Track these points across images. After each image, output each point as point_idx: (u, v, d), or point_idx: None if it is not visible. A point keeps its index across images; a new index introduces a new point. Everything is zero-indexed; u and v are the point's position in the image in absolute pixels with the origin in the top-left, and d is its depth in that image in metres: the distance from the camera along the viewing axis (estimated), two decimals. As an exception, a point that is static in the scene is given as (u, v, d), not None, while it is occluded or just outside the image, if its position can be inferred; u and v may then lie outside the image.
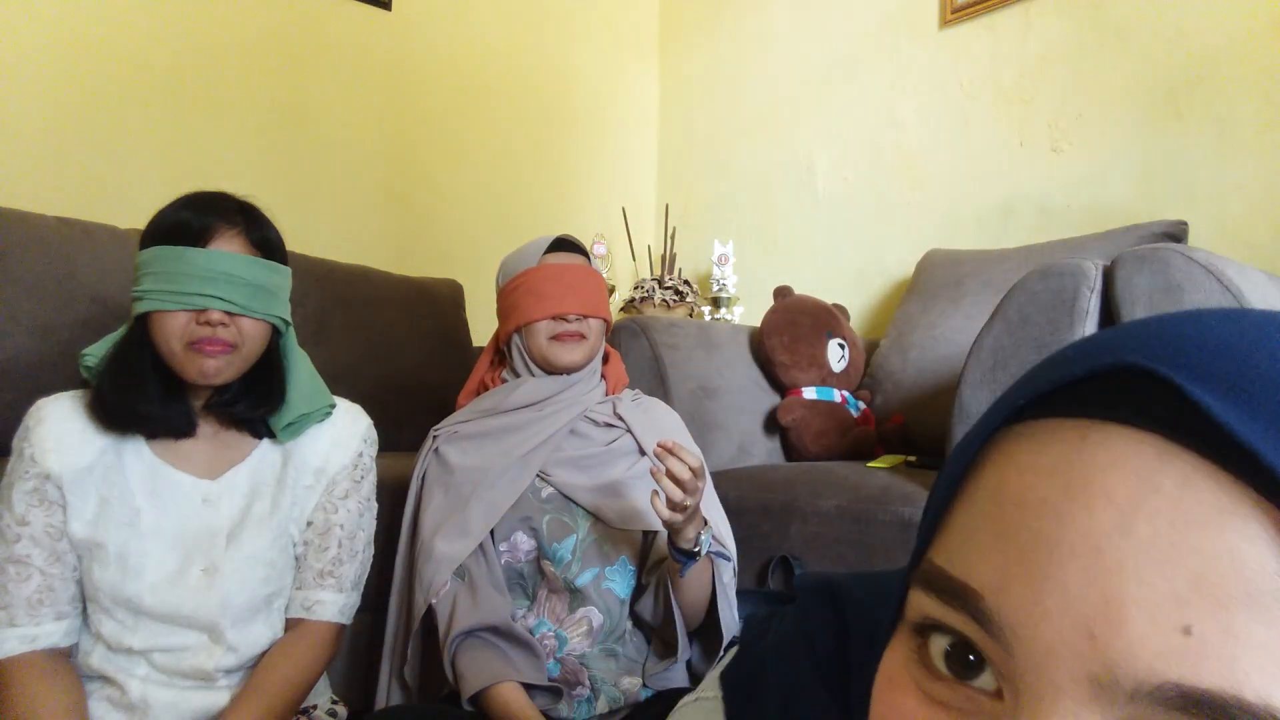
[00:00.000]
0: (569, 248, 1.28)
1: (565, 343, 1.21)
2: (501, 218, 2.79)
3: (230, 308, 0.94)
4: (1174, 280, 1.01)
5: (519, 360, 1.25)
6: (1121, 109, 1.95)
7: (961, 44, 2.29)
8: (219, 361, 0.95)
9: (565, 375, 1.24)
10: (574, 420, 1.22)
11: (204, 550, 0.98)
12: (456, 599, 1.09)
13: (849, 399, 2.05)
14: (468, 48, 2.72)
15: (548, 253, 1.25)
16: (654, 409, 1.31)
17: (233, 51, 2.20)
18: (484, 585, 1.11)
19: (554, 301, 1.20)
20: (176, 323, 0.93)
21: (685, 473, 0.96)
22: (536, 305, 1.20)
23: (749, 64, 2.93)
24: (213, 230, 0.95)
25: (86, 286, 1.51)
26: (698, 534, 1.03)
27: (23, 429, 0.97)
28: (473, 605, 1.08)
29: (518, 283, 1.23)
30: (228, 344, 0.95)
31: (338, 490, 1.07)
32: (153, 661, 0.96)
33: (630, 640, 1.16)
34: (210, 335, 0.93)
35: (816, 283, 2.43)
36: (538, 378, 1.24)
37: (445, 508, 1.15)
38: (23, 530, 0.93)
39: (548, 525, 1.15)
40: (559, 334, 1.21)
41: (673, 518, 0.98)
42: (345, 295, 1.97)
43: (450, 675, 1.06)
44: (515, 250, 1.30)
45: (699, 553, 1.03)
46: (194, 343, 0.93)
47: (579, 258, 1.27)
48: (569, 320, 1.21)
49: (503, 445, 1.19)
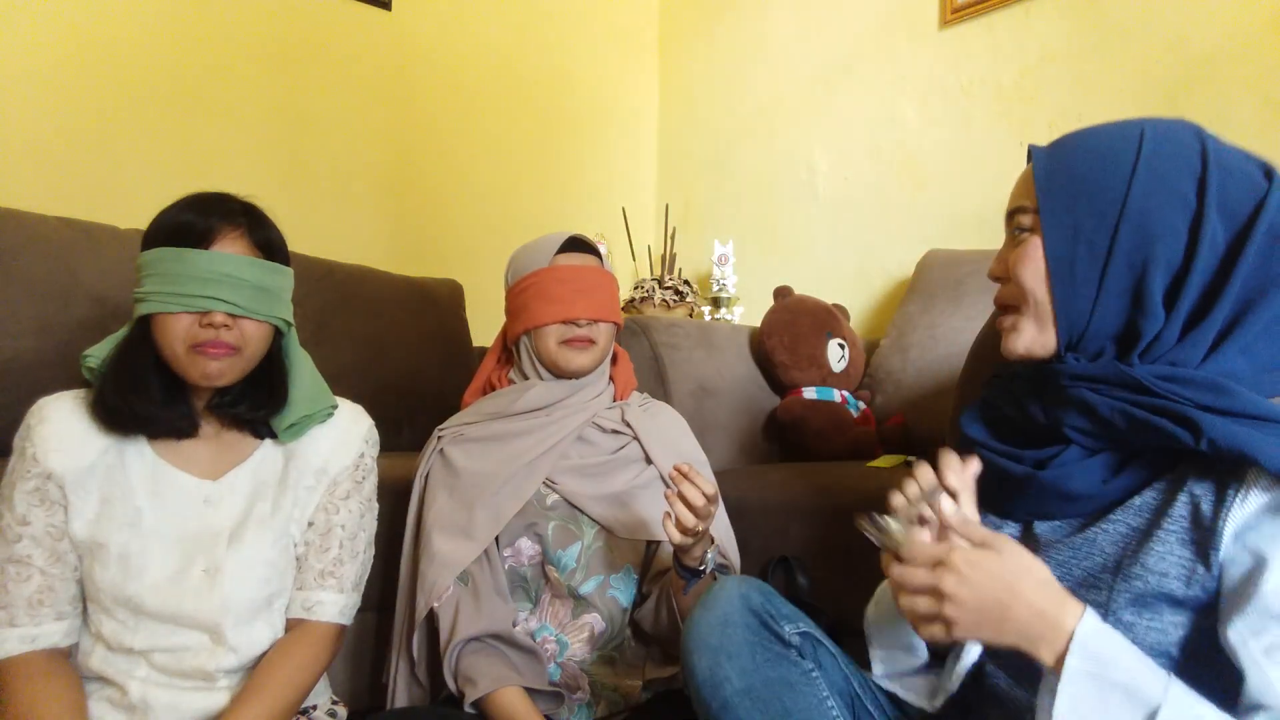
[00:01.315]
0: (582, 247, 1.25)
1: (575, 347, 1.19)
2: (501, 218, 2.79)
3: (233, 309, 0.94)
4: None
5: (527, 362, 1.23)
6: (1121, 109, 1.95)
7: (961, 44, 2.29)
8: (221, 364, 0.95)
9: (574, 379, 1.22)
10: (582, 427, 1.20)
11: (205, 551, 0.98)
12: (460, 605, 1.09)
13: (849, 399, 2.05)
14: (468, 48, 2.72)
15: (560, 252, 1.22)
16: (661, 415, 1.30)
17: (233, 51, 2.20)
18: (487, 592, 1.10)
19: (565, 306, 1.18)
20: (179, 325, 0.93)
21: (699, 499, 0.96)
22: (547, 309, 1.18)
23: (749, 64, 2.93)
24: (216, 232, 0.95)
25: (86, 286, 1.51)
26: (704, 553, 1.02)
27: (24, 428, 0.97)
28: (476, 612, 1.08)
29: (528, 283, 1.21)
30: (230, 346, 0.95)
31: (339, 491, 1.07)
32: (153, 662, 0.96)
33: (629, 646, 1.16)
34: (213, 338, 0.93)
35: (816, 283, 2.43)
36: (546, 381, 1.22)
37: (449, 510, 1.14)
38: (24, 530, 0.93)
39: (553, 532, 1.14)
40: (569, 338, 1.19)
41: (683, 541, 0.98)
42: (345, 295, 1.97)
43: (452, 680, 1.06)
44: (526, 246, 1.27)
45: (704, 571, 1.03)
46: (197, 345, 0.93)
47: (592, 259, 1.24)
48: (579, 325, 1.18)
49: (509, 450, 1.17)
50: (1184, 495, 0.67)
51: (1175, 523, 0.67)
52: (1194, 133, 0.72)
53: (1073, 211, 0.72)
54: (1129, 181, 0.70)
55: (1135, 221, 0.69)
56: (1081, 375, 0.73)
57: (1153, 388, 0.68)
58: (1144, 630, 0.67)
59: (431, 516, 1.15)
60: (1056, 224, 0.73)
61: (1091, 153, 0.73)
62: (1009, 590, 0.63)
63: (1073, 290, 0.72)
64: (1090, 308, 0.72)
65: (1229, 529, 0.64)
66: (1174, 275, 0.69)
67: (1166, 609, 0.67)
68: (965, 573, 0.63)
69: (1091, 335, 0.73)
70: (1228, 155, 0.71)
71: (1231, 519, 0.64)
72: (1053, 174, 0.74)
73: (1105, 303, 0.71)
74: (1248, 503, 0.64)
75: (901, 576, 0.67)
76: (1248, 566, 0.63)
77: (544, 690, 1.07)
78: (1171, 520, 0.67)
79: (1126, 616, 0.68)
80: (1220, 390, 0.66)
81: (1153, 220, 0.69)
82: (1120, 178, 0.70)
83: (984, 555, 0.64)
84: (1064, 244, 0.72)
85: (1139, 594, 0.68)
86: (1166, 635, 0.67)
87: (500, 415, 1.20)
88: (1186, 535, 0.66)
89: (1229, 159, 0.70)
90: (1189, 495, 0.67)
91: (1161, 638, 0.67)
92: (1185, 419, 0.65)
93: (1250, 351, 0.68)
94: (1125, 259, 0.70)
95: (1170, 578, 0.66)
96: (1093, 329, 0.73)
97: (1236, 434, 0.63)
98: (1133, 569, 0.68)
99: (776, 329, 2.06)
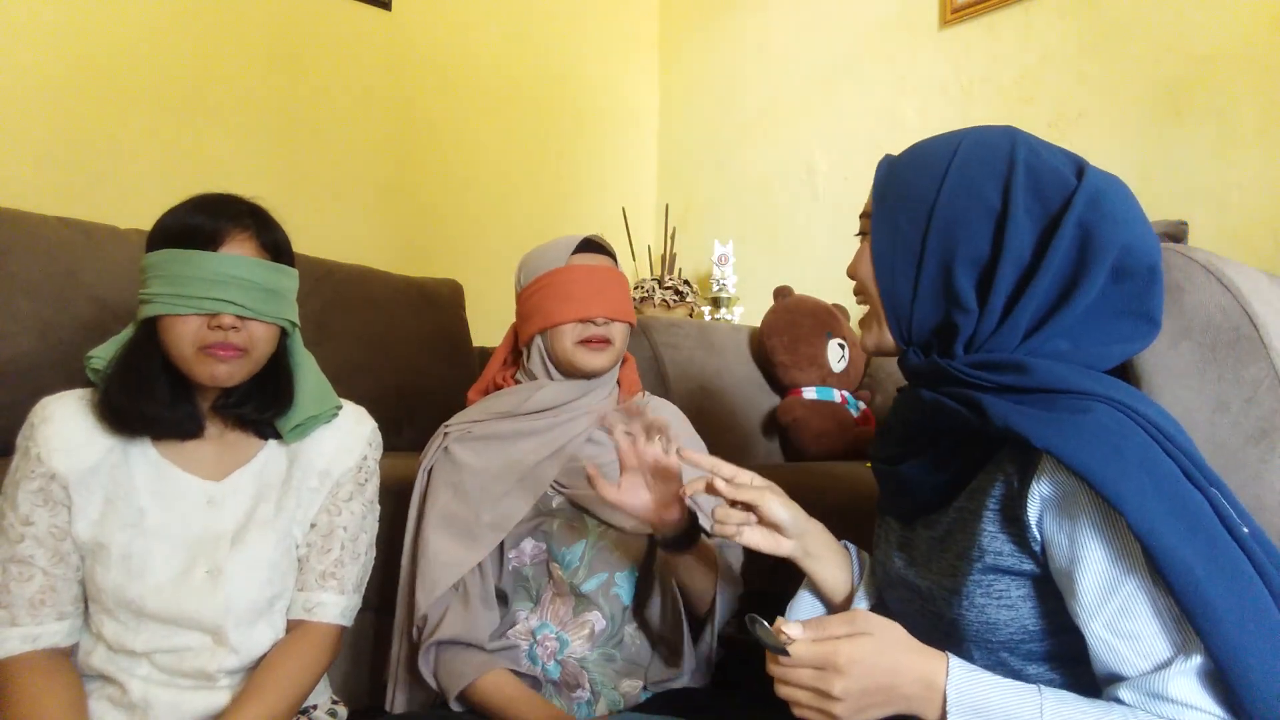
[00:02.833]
0: (596, 248, 1.24)
1: (592, 347, 1.18)
2: (502, 218, 2.79)
3: (242, 311, 0.94)
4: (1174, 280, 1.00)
5: (539, 363, 1.22)
6: (1121, 109, 1.95)
7: (961, 44, 2.29)
8: (230, 366, 0.95)
9: (585, 380, 1.21)
10: (590, 429, 1.19)
11: (208, 552, 0.98)
12: (447, 609, 1.09)
13: (849, 399, 2.05)
14: (468, 48, 2.72)
15: (575, 253, 1.21)
16: (661, 411, 1.30)
17: (233, 51, 2.20)
18: (476, 600, 1.10)
19: (582, 304, 1.16)
20: (188, 327, 0.93)
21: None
22: (564, 307, 1.17)
23: (749, 64, 2.93)
24: (224, 234, 0.95)
25: (86, 286, 1.51)
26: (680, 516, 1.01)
27: (28, 427, 0.97)
28: (459, 618, 1.08)
29: (544, 283, 1.19)
30: (239, 349, 0.95)
31: (342, 493, 1.07)
32: (154, 661, 0.96)
33: (630, 644, 1.16)
34: (222, 339, 0.93)
35: (816, 283, 2.43)
36: (557, 381, 1.21)
37: (452, 509, 1.14)
38: (27, 530, 0.93)
39: (558, 530, 1.14)
40: (586, 338, 1.17)
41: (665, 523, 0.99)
42: (345, 295, 1.97)
43: (431, 677, 1.07)
44: (539, 248, 1.25)
45: (692, 535, 1.02)
46: (205, 347, 0.93)
47: (606, 259, 1.23)
48: (597, 324, 1.17)
49: (517, 449, 1.16)
50: (1000, 475, 0.71)
51: (995, 501, 0.70)
52: (1008, 138, 0.76)
53: (894, 216, 0.78)
54: (939, 187, 0.75)
55: (941, 223, 0.75)
56: (911, 371, 0.79)
57: (961, 375, 0.72)
58: (996, 609, 0.70)
59: (433, 513, 1.15)
60: (880, 227, 0.79)
61: (914, 161, 0.79)
62: (892, 671, 0.65)
63: (894, 287, 0.78)
64: (910, 303, 0.77)
65: (1032, 509, 0.67)
66: (982, 270, 0.74)
67: (1012, 585, 0.70)
68: (851, 671, 0.64)
69: (917, 330, 0.78)
70: (1038, 158, 0.75)
71: (1031, 499, 0.67)
72: (885, 181, 0.81)
73: (923, 299, 0.77)
74: (1044, 482, 0.67)
75: (785, 675, 0.68)
76: (1066, 550, 0.66)
77: (523, 674, 1.09)
78: (993, 500, 0.71)
79: (979, 599, 0.70)
80: (1020, 368, 0.69)
81: (958, 222, 0.74)
82: (932, 184, 0.76)
83: (860, 645, 0.65)
84: (885, 245, 0.79)
85: (980, 574, 0.70)
86: (1018, 611, 0.70)
87: (509, 414, 1.20)
88: (1005, 514, 0.70)
89: (1039, 161, 0.74)
90: (1002, 475, 0.70)
91: (1014, 614, 0.70)
92: (972, 402, 0.69)
93: (1073, 334, 0.72)
94: (935, 258, 0.75)
95: (1003, 555, 0.69)
96: (916, 324, 0.78)
97: (1009, 412, 0.66)
98: (971, 551, 0.71)
99: (776, 329, 2.06)
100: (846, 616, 0.68)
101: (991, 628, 0.70)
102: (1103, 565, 0.63)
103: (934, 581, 0.75)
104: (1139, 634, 0.62)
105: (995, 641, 0.71)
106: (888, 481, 0.85)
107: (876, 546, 0.89)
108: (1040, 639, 0.70)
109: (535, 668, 1.11)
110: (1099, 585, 0.63)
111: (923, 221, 0.76)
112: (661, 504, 0.99)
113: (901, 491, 0.81)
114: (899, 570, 0.81)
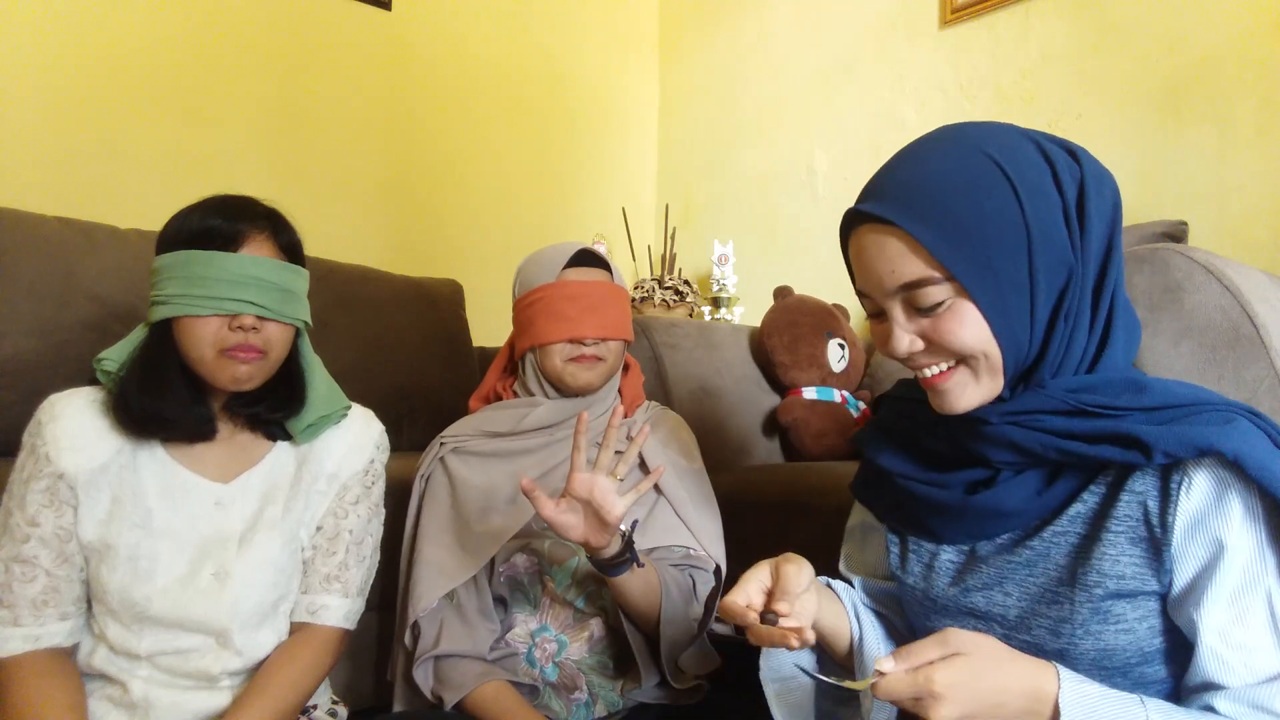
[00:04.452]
0: (591, 261, 1.21)
1: (582, 364, 1.16)
2: (502, 218, 2.79)
3: (263, 312, 0.94)
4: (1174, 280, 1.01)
5: (533, 378, 1.21)
6: (1121, 109, 1.95)
7: (961, 44, 2.29)
8: (251, 368, 0.95)
9: (580, 396, 1.19)
10: (588, 448, 1.19)
11: (215, 554, 0.98)
12: (444, 623, 1.09)
13: (849, 399, 2.05)
14: (468, 48, 2.72)
15: (568, 266, 1.19)
16: (662, 422, 1.28)
17: (232, 51, 2.20)
18: (471, 612, 1.10)
19: (571, 324, 1.14)
20: (208, 328, 0.93)
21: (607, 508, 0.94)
22: (553, 327, 1.15)
23: (749, 64, 2.93)
24: (243, 235, 0.95)
25: (86, 286, 1.51)
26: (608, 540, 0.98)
27: (35, 424, 0.96)
28: (460, 633, 1.08)
29: (535, 298, 1.18)
30: (258, 350, 0.95)
31: (349, 496, 1.07)
32: (156, 662, 0.96)
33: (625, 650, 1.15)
34: (242, 341, 0.93)
35: (816, 283, 2.43)
36: (552, 400, 1.20)
37: (445, 520, 1.14)
38: (32, 531, 0.93)
39: (549, 549, 1.13)
40: (576, 356, 1.16)
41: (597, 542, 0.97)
42: (345, 295, 1.97)
43: (428, 692, 1.07)
44: (533, 256, 1.23)
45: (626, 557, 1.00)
46: (226, 349, 0.93)
47: (601, 273, 1.21)
48: (586, 344, 1.16)
49: (512, 468, 1.16)
50: (1126, 495, 0.67)
51: (1122, 523, 0.67)
52: (1010, 129, 0.71)
53: (989, 259, 0.67)
54: (1019, 206, 0.66)
55: (1040, 243, 0.67)
56: (1008, 411, 0.70)
57: (1082, 406, 0.67)
58: (1113, 635, 0.67)
59: (428, 524, 1.15)
60: (980, 279, 0.67)
61: (963, 195, 0.67)
62: (998, 690, 0.61)
63: (1014, 336, 0.68)
64: (1027, 343, 0.69)
65: (1180, 523, 0.64)
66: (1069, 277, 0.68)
67: (1129, 610, 0.67)
68: (951, 695, 0.61)
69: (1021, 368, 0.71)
70: (1044, 139, 0.70)
71: (1181, 512, 0.64)
72: (945, 235, 0.67)
73: (1039, 331, 0.69)
74: (1193, 493, 0.64)
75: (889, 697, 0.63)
76: (1204, 553, 0.63)
77: (522, 683, 1.08)
78: (1118, 521, 0.67)
79: (1094, 626, 0.68)
80: (1139, 387, 0.66)
81: (1046, 235, 0.67)
82: (1008, 205, 0.66)
83: (956, 667, 0.61)
84: (993, 295, 0.67)
85: (1100, 600, 0.67)
86: (1135, 634, 0.67)
87: (505, 435, 1.19)
88: (1135, 534, 0.67)
89: (1047, 142, 0.70)
90: (1131, 494, 0.67)
91: (1132, 639, 0.67)
92: (1133, 440, 0.64)
93: (1118, 330, 0.69)
94: (1045, 280, 0.67)
95: (1127, 579, 0.66)
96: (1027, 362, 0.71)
97: (1185, 435, 0.62)
98: (1089, 577, 0.68)
99: (777, 329, 2.06)
100: (939, 638, 0.63)
101: (1108, 654, 0.68)
102: (1235, 572, 0.62)
103: (1028, 609, 0.71)
104: (1251, 645, 0.62)
105: (1111, 667, 0.68)
106: (936, 507, 0.77)
107: (894, 567, 0.84)
108: (1154, 661, 0.68)
109: (533, 671, 1.11)
110: (1225, 592, 0.62)
111: (1023, 250, 0.66)
112: (591, 529, 0.96)
113: (969, 517, 0.75)
114: (954, 597, 0.77)
